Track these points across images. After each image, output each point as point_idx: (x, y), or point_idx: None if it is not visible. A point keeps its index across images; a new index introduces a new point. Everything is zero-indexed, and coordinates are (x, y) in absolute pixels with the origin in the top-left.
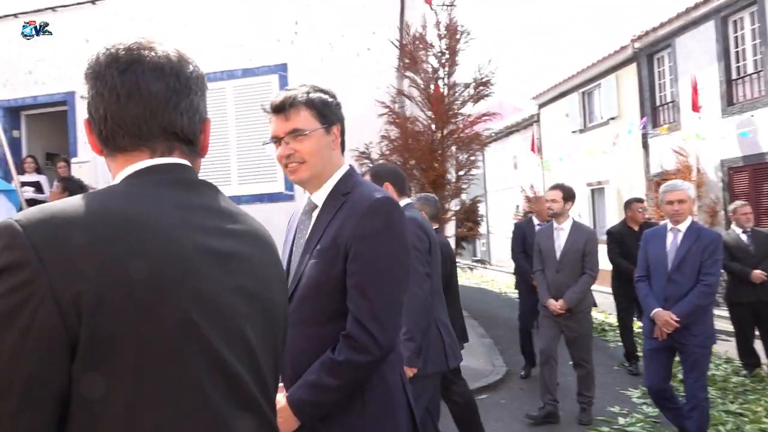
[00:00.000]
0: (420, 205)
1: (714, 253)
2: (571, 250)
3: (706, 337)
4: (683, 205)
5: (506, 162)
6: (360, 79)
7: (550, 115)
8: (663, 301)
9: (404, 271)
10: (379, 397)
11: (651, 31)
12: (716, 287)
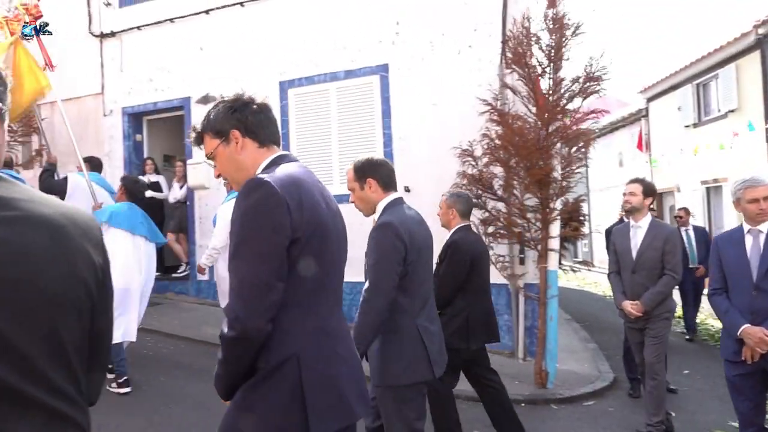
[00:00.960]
0: (451, 202)
1: None
2: (650, 248)
3: None
4: None
5: (611, 159)
6: (461, 77)
7: (659, 109)
8: (750, 316)
9: (264, 250)
10: None
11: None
12: None
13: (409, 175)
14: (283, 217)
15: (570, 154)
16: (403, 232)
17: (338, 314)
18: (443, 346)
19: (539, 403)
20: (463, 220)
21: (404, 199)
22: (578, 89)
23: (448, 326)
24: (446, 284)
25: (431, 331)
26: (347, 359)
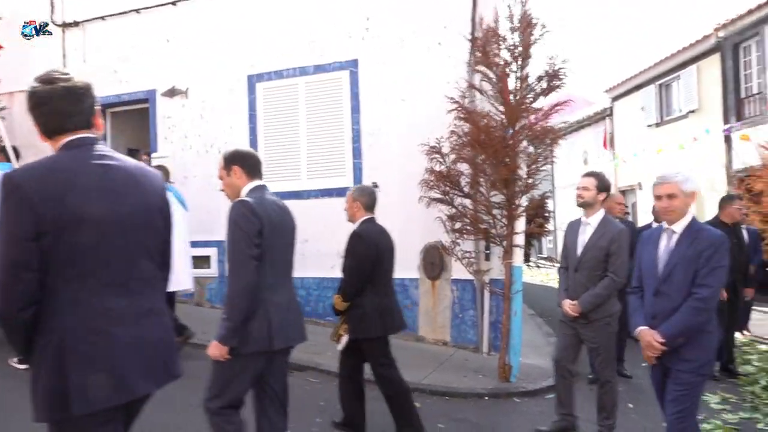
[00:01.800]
0: (356, 195)
1: (711, 259)
2: (595, 247)
3: (701, 365)
4: (674, 201)
5: (576, 157)
6: (431, 75)
7: (623, 108)
8: (650, 319)
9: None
10: None
11: (737, 19)
12: (712, 302)
13: (378, 170)
14: (23, 214)
15: (536, 152)
16: (259, 209)
17: (131, 297)
18: (290, 320)
19: (502, 397)
20: (367, 212)
21: None
22: (542, 88)
23: (355, 317)
24: (352, 275)
25: (278, 303)
26: (129, 338)
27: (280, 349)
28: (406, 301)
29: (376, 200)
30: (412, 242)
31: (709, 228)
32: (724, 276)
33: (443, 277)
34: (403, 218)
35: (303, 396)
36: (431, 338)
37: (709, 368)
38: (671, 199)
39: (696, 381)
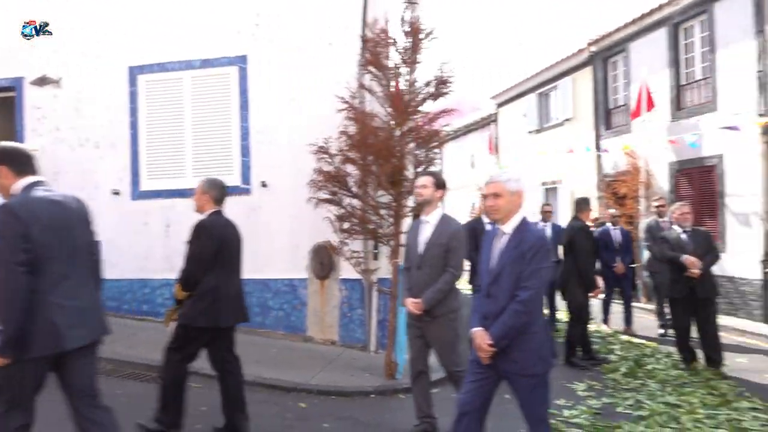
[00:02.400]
0: (207, 188)
1: (533, 260)
2: (435, 244)
3: (529, 365)
4: (498, 200)
5: (464, 160)
6: (321, 74)
7: (508, 114)
8: (483, 320)
9: None
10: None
11: (606, 35)
12: (533, 303)
13: (267, 169)
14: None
15: (422, 154)
16: (23, 211)
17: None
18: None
19: (388, 394)
20: (216, 205)
21: (262, 194)
22: (430, 93)
23: (195, 306)
24: (192, 264)
25: (60, 305)
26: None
27: (74, 348)
28: (295, 301)
29: (225, 194)
30: (302, 242)
31: (533, 229)
32: (546, 276)
33: (332, 277)
34: (293, 218)
35: None
36: (320, 338)
37: (539, 368)
38: (496, 198)
39: (529, 382)
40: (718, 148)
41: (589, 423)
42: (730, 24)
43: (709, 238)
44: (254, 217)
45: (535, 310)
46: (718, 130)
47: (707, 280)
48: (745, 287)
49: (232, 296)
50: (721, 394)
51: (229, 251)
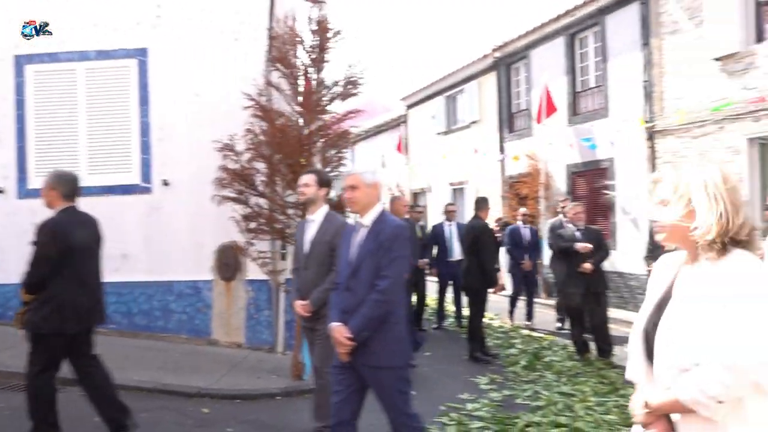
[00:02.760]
0: (54, 183)
1: (390, 250)
2: (320, 243)
3: (389, 356)
4: (356, 192)
5: (374, 161)
6: (227, 70)
7: (417, 116)
8: (343, 314)
9: None
10: None
11: (509, 42)
12: (392, 293)
13: (168, 167)
14: None
15: (331, 154)
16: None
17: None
18: None
19: (294, 395)
20: (66, 201)
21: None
22: (339, 92)
23: (38, 311)
24: (35, 265)
25: None
26: None
27: None
28: (199, 303)
29: (77, 188)
30: (206, 242)
31: (392, 219)
32: (404, 266)
33: (238, 278)
34: (196, 217)
35: (75, 412)
36: (225, 341)
37: (400, 360)
38: (353, 190)
39: (388, 374)
40: (610, 151)
41: (490, 415)
42: (619, 36)
43: (600, 236)
44: (156, 217)
45: (394, 299)
46: (610, 135)
47: (598, 275)
48: (633, 282)
49: (81, 301)
50: (611, 383)
51: (81, 252)
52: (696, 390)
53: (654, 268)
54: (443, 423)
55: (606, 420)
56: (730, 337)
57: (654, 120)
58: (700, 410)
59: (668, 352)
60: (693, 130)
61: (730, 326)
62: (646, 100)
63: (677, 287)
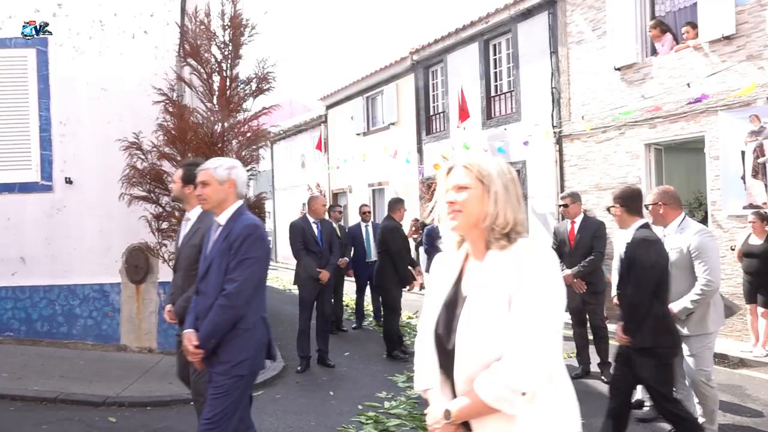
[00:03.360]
0: None
1: (239, 250)
2: (187, 245)
3: (235, 365)
4: (206, 189)
5: (294, 160)
6: (136, 64)
7: (336, 116)
8: (196, 320)
9: None
10: None
11: (426, 46)
12: (241, 297)
13: (72, 164)
14: None
15: (246, 152)
16: None
17: None
18: None
19: None
20: None
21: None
22: (252, 90)
23: None
24: None
25: None
26: None
27: None
28: (107, 307)
29: None
30: (114, 244)
31: (245, 218)
32: (257, 269)
33: (149, 281)
34: (103, 217)
35: None
36: (135, 346)
37: (245, 368)
38: (204, 186)
39: (230, 383)
40: (522, 154)
41: (407, 412)
42: (530, 44)
43: None
44: (58, 217)
45: (244, 305)
46: (521, 139)
47: None
48: None
49: None
50: None
51: None
52: (501, 386)
53: (432, 269)
54: (361, 422)
55: None
56: (529, 327)
57: (561, 125)
58: (504, 407)
59: (472, 351)
60: (597, 135)
61: (526, 316)
62: (554, 105)
63: (467, 284)
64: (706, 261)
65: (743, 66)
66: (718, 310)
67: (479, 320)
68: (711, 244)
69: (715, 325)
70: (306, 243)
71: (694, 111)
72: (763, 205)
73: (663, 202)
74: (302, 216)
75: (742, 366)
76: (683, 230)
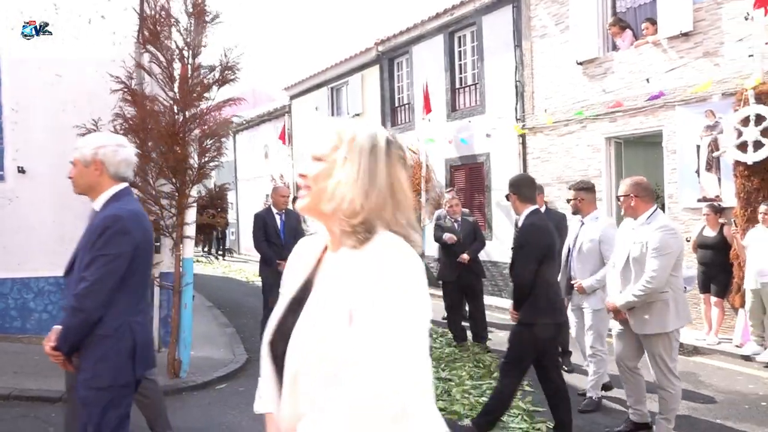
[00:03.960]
0: None
1: (95, 245)
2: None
3: (94, 376)
4: (73, 171)
5: (258, 151)
6: (93, 49)
7: (301, 107)
8: None
9: None
10: None
11: (391, 37)
12: (93, 299)
13: (25, 153)
14: None
15: (208, 142)
16: None
17: None
18: None
19: (171, 394)
20: None
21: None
22: (216, 78)
23: None
24: None
25: None
26: None
27: None
28: (63, 301)
29: None
30: (70, 235)
31: (116, 206)
32: (115, 267)
33: None
34: (58, 208)
35: None
36: None
37: (105, 379)
38: (73, 167)
39: (91, 396)
40: (486, 147)
41: None
42: (494, 37)
43: (477, 228)
44: (10, 208)
45: (98, 307)
46: (485, 131)
47: (475, 264)
48: (506, 270)
49: None
50: (486, 366)
51: None
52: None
53: (289, 258)
54: None
55: (481, 402)
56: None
57: (525, 118)
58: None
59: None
60: (559, 128)
61: (376, 334)
62: (518, 99)
63: (317, 282)
64: (658, 258)
65: (700, 62)
66: (680, 308)
67: (315, 329)
68: (670, 241)
69: (675, 324)
70: (267, 234)
71: (653, 106)
72: (716, 198)
73: (635, 194)
74: (266, 207)
75: (696, 353)
76: (649, 224)
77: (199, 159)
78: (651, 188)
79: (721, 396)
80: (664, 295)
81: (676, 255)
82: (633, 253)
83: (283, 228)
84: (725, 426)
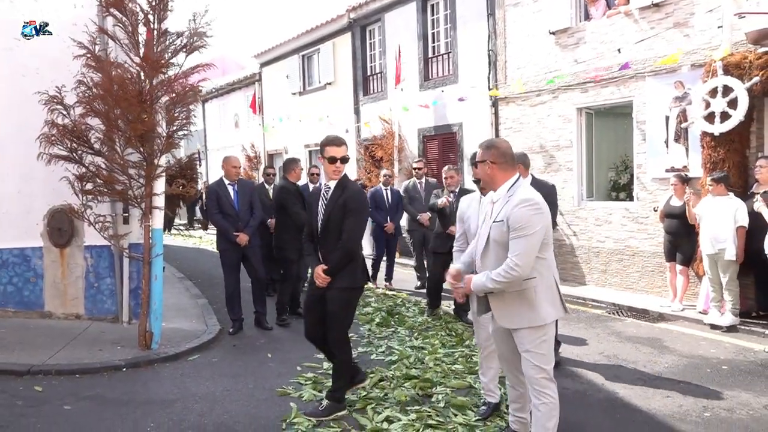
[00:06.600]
0: None
1: None
2: None
3: None
4: None
5: (228, 120)
6: (53, 14)
7: (271, 75)
8: None
9: None
10: None
11: (363, 4)
12: None
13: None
14: None
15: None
16: None
17: None
18: None
19: (142, 366)
20: None
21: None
22: (183, 44)
23: None
24: None
25: None
26: None
27: None
28: (28, 273)
29: None
30: (34, 206)
31: None
32: None
33: (74, 244)
34: (22, 178)
35: None
36: (61, 313)
37: None
38: None
39: None
40: (459, 116)
41: None
42: (467, 5)
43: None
44: None
45: None
46: (458, 101)
47: None
48: None
49: None
50: (458, 335)
51: None
52: None
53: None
54: (300, 383)
55: (453, 369)
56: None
57: (498, 87)
58: None
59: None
60: (531, 98)
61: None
62: (491, 68)
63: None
64: (521, 240)
65: (670, 33)
66: (552, 296)
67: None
68: (534, 219)
69: (548, 316)
70: (221, 206)
71: (624, 76)
72: (683, 169)
73: (491, 160)
74: (218, 179)
75: (661, 320)
76: (510, 198)
77: (168, 127)
78: (511, 152)
79: (684, 360)
80: (531, 281)
81: (542, 234)
82: (493, 233)
83: (237, 199)
84: (688, 387)
